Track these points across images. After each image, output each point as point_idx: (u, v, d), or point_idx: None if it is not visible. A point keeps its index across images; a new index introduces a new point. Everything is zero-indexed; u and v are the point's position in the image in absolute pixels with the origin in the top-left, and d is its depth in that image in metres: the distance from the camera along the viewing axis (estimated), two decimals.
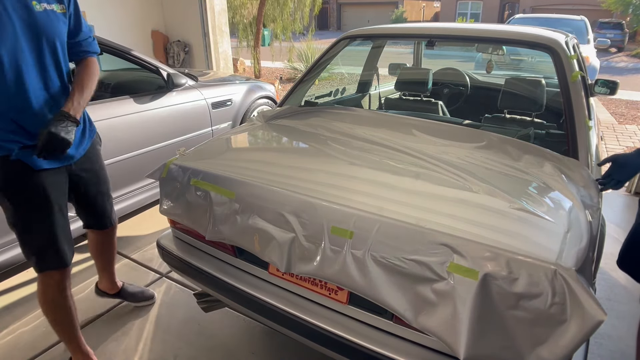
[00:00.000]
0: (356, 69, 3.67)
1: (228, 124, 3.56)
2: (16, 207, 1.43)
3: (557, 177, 1.41)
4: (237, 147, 1.89)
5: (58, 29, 1.43)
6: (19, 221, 1.45)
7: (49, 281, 1.54)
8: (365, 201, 1.24)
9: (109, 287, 2.15)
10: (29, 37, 1.35)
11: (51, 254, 1.51)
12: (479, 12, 29.52)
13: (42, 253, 1.49)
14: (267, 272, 1.46)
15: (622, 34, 18.51)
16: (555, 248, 1.03)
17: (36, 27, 1.36)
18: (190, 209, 1.52)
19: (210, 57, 6.05)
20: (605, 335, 2.00)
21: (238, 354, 1.89)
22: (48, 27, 1.39)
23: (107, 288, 2.15)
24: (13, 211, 1.44)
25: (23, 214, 1.44)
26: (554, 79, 2.00)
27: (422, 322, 1.10)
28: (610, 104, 7.67)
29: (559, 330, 0.97)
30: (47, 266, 1.51)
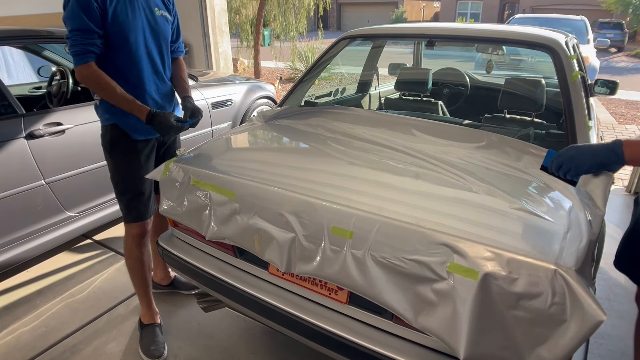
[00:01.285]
0: (356, 69, 3.67)
1: (228, 124, 3.56)
2: (116, 164, 1.76)
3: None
4: (237, 147, 1.89)
5: (168, 31, 1.79)
6: (116, 175, 1.78)
7: (130, 232, 1.84)
8: (365, 201, 1.24)
9: (162, 278, 2.28)
10: (149, 33, 1.70)
11: (135, 207, 1.80)
12: (479, 12, 29.53)
13: (129, 205, 1.79)
14: (267, 272, 1.46)
15: (622, 34, 18.50)
16: (555, 248, 1.03)
17: (155, 27, 1.72)
18: (191, 208, 1.52)
19: (210, 57, 6.05)
20: (605, 335, 2.01)
21: (238, 354, 1.89)
22: (163, 28, 1.75)
23: (161, 279, 2.28)
24: (113, 167, 1.77)
25: (120, 170, 1.76)
26: (554, 79, 2.00)
27: (422, 322, 1.10)
28: (610, 104, 7.67)
29: (559, 330, 0.97)
30: (131, 217, 1.81)
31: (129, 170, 1.76)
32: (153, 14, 1.71)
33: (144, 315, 1.97)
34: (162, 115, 1.64)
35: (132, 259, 1.87)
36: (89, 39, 1.53)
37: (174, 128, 1.66)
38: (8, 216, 2.16)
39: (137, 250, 1.85)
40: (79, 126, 2.43)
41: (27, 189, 2.21)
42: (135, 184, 1.77)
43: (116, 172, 1.77)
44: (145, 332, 1.93)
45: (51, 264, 2.54)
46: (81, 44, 1.52)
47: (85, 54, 1.53)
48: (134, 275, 1.91)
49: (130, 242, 1.85)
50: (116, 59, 1.63)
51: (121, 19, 1.59)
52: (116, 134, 1.72)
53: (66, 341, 1.97)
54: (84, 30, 1.52)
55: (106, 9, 1.55)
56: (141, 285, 1.92)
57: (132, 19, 1.62)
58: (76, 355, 1.89)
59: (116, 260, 2.60)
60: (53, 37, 2.58)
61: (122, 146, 1.74)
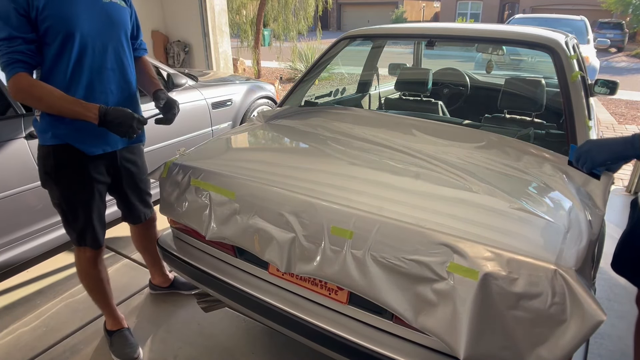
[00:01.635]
0: (356, 69, 3.67)
1: (228, 124, 3.56)
2: (61, 192, 1.58)
3: (557, 177, 1.41)
4: (237, 147, 1.89)
5: (124, 20, 1.59)
6: (63, 203, 1.60)
7: (83, 255, 1.73)
8: (365, 201, 1.24)
9: (162, 281, 2.26)
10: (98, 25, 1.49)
11: (89, 234, 1.67)
12: (478, 12, 29.52)
13: (82, 232, 1.66)
14: (267, 272, 1.46)
15: (622, 34, 18.50)
16: (555, 248, 1.03)
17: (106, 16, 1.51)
18: (191, 209, 1.52)
19: (210, 57, 6.05)
20: (605, 335, 2.01)
21: (238, 354, 1.89)
22: (116, 17, 1.55)
23: (161, 282, 2.26)
24: (58, 194, 1.59)
25: (67, 198, 1.59)
26: (554, 79, 2.00)
27: (422, 322, 1.10)
28: (610, 104, 7.67)
29: (559, 330, 0.97)
30: (85, 243, 1.69)
31: (81, 198, 1.59)
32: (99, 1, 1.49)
33: (109, 324, 1.92)
34: (118, 110, 1.43)
35: (90, 278, 1.79)
36: (13, 46, 1.32)
37: (136, 121, 1.45)
38: (8, 216, 2.16)
39: (93, 270, 1.77)
40: None
41: (27, 189, 2.21)
42: (89, 211, 1.61)
43: (64, 200, 1.59)
44: (114, 337, 1.88)
45: (51, 264, 2.54)
46: (6, 54, 1.33)
47: (12, 64, 1.33)
48: (93, 293, 1.83)
49: (86, 265, 1.74)
50: (58, 64, 1.43)
51: (55, 11, 1.37)
52: (63, 155, 1.52)
53: (66, 341, 1.97)
54: (6, 39, 1.32)
55: (32, 6, 1.34)
56: (102, 299, 1.86)
57: (69, 10, 1.39)
58: (76, 355, 1.89)
59: (116, 260, 2.60)
60: None
61: (72, 169, 1.55)
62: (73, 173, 1.56)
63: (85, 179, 1.59)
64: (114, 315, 1.92)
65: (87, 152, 1.55)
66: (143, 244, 2.11)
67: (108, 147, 1.63)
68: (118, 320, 1.93)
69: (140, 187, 1.88)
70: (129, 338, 1.89)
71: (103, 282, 1.83)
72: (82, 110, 1.41)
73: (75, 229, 1.66)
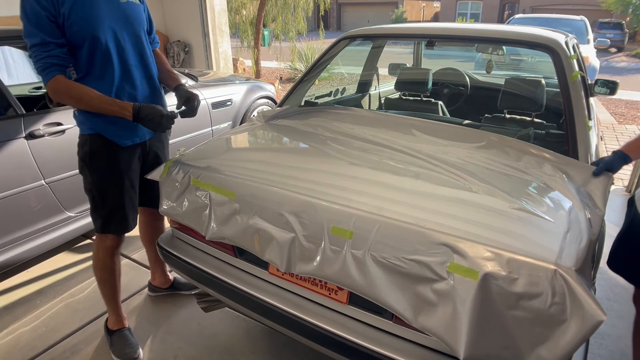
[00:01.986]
0: (356, 69, 3.67)
1: (228, 124, 3.56)
2: (94, 177, 1.65)
3: (557, 177, 1.41)
4: (237, 147, 1.89)
5: (141, 17, 1.66)
6: (94, 188, 1.67)
7: (103, 243, 1.76)
8: (365, 201, 1.24)
9: (162, 282, 2.25)
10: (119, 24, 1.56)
11: (116, 221, 1.72)
12: (479, 12, 29.52)
13: (109, 218, 1.71)
14: (267, 272, 1.46)
15: (622, 34, 18.50)
16: (555, 248, 1.03)
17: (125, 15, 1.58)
18: (190, 208, 1.52)
19: (210, 57, 6.05)
20: (605, 335, 2.01)
21: (238, 354, 1.89)
22: (134, 15, 1.61)
23: (161, 283, 2.25)
24: (91, 180, 1.66)
25: (99, 183, 1.66)
26: (554, 79, 2.00)
27: (422, 322, 1.10)
28: (610, 104, 7.67)
29: (559, 330, 0.97)
30: (109, 229, 1.72)
31: (111, 184, 1.67)
32: (117, 1, 1.56)
33: (111, 322, 1.92)
34: (150, 107, 1.53)
35: (105, 270, 1.80)
36: (47, 51, 1.43)
37: (165, 117, 1.54)
38: (8, 216, 2.16)
39: (110, 260, 1.79)
40: None
41: (27, 189, 2.21)
42: (116, 197, 1.68)
43: (95, 186, 1.67)
44: (115, 337, 1.89)
45: (51, 264, 2.54)
46: (42, 60, 1.43)
47: (49, 68, 1.44)
48: (104, 286, 1.85)
49: (103, 254, 1.77)
50: (88, 64, 1.53)
51: (80, 15, 1.45)
52: (98, 143, 1.62)
53: (66, 341, 1.97)
54: (40, 45, 1.42)
55: (59, 13, 1.42)
56: (111, 294, 1.87)
57: (92, 14, 1.47)
58: (76, 355, 1.89)
59: None
60: None
61: (105, 157, 1.64)
62: (105, 160, 1.64)
63: (116, 166, 1.66)
64: (118, 313, 1.92)
65: (119, 143, 1.64)
66: (150, 236, 2.09)
67: (137, 139, 1.71)
68: (120, 319, 1.93)
69: None
70: (129, 338, 1.89)
71: (115, 275, 1.84)
72: (118, 109, 1.52)
73: (102, 214, 1.70)
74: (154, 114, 1.52)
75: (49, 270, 2.49)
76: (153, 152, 1.83)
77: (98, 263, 1.80)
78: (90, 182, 1.67)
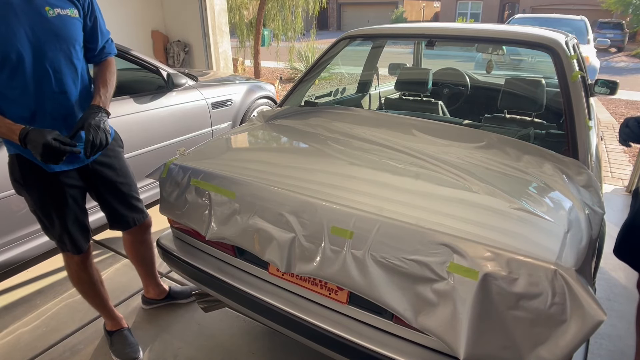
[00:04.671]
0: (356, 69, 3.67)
1: (228, 124, 3.56)
2: (34, 199, 1.55)
3: (557, 177, 1.40)
4: (237, 147, 1.89)
5: (73, 32, 1.45)
6: (38, 210, 1.58)
7: (71, 259, 1.70)
8: (365, 201, 1.24)
9: (157, 293, 2.14)
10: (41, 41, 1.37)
11: (67, 240, 1.63)
12: (479, 12, 29.52)
13: (61, 238, 1.63)
14: (267, 272, 1.46)
15: (622, 34, 18.50)
16: (555, 248, 1.03)
17: (49, 31, 1.38)
18: (191, 209, 1.52)
19: (210, 57, 6.05)
20: (605, 335, 2.00)
21: (238, 354, 1.89)
22: (62, 30, 1.41)
23: (156, 294, 2.14)
24: (32, 202, 1.57)
25: (41, 205, 1.56)
26: (554, 79, 2.00)
27: (422, 322, 1.10)
28: (610, 104, 7.67)
29: (559, 331, 0.97)
30: (66, 249, 1.65)
31: (52, 207, 1.55)
32: (42, 16, 1.36)
33: (109, 325, 1.91)
34: (36, 134, 1.29)
35: (82, 283, 1.76)
36: None
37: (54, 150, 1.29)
38: (8, 216, 2.16)
39: (84, 273, 1.73)
40: None
41: None
42: (60, 220, 1.57)
43: (37, 207, 1.55)
44: (114, 337, 1.88)
45: (51, 264, 2.54)
46: None
47: None
48: (88, 297, 1.82)
49: (76, 269, 1.71)
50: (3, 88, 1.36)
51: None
52: (25, 165, 1.48)
53: (66, 341, 1.97)
54: None
55: None
56: (98, 302, 1.84)
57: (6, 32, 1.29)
58: (76, 355, 1.89)
59: (116, 260, 2.60)
60: None
61: (38, 181, 1.50)
62: (40, 181, 1.50)
63: (53, 187, 1.53)
64: (112, 315, 1.91)
65: (46, 169, 1.49)
66: (137, 253, 1.97)
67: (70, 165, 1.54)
68: (117, 321, 1.92)
69: (121, 190, 1.74)
70: (129, 338, 1.89)
71: (96, 285, 1.79)
72: (6, 130, 1.33)
73: (54, 234, 1.62)
74: (38, 142, 1.28)
75: (49, 270, 2.49)
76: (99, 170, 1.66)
77: (73, 278, 1.75)
78: (32, 205, 1.56)
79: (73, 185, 1.59)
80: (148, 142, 2.84)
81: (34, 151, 1.31)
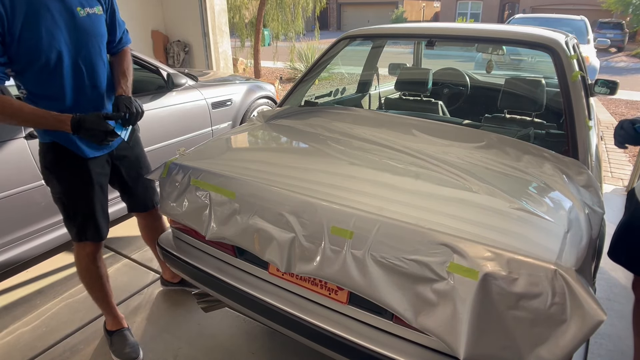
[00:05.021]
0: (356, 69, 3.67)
1: (228, 124, 3.56)
2: (62, 186, 1.61)
3: (557, 177, 1.41)
4: (237, 147, 1.89)
5: (99, 29, 1.57)
6: (64, 197, 1.63)
7: (83, 251, 1.73)
8: (365, 201, 1.24)
9: (171, 277, 2.27)
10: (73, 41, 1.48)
11: (90, 228, 1.68)
12: (479, 12, 29.52)
13: (82, 226, 1.67)
14: (267, 272, 1.46)
15: (622, 34, 18.50)
16: (555, 248, 1.03)
17: (81, 31, 1.49)
18: (191, 209, 1.52)
19: (210, 57, 6.05)
20: (605, 335, 2.00)
21: (238, 354, 1.89)
22: (91, 29, 1.52)
23: (170, 277, 2.28)
24: (59, 189, 1.62)
25: (68, 192, 1.62)
26: (554, 79, 2.00)
27: (422, 322, 1.10)
28: (610, 104, 7.67)
29: (559, 330, 0.97)
30: (85, 237, 1.70)
31: (80, 194, 1.62)
32: (75, 16, 1.47)
33: (109, 324, 1.92)
34: (90, 119, 1.42)
35: (90, 276, 1.79)
36: None
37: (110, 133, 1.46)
38: (8, 216, 2.16)
39: (93, 266, 1.77)
40: None
41: (27, 189, 2.21)
42: (87, 207, 1.64)
43: (64, 195, 1.63)
44: (114, 337, 1.89)
45: (51, 264, 2.54)
46: None
47: None
48: (93, 291, 1.84)
49: (86, 261, 1.75)
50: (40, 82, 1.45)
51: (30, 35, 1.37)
52: (61, 153, 1.56)
53: (66, 341, 1.97)
54: None
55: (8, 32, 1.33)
56: (102, 297, 1.86)
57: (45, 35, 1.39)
58: (76, 355, 1.89)
59: (116, 260, 2.60)
60: None
61: (70, 167, 1.58)
62: (72, 167, 1.60)
63: (84, 172, 1.62)
64: (114, 314, 1.92)
65: (81, 155, 1.60)
66: (152, 235, 2.05)
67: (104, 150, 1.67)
68: (118, 320, 1.93)
69: (141, 173, 1.87)
70: (129, 338, 1.89)
71: (103, 279, 1.83)
72: (55, 122, 1.43)
73: (76, 223, 1.67)
74: (97, 128, 1.43)
75: (49, 270, 2.49)
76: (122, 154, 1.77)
77: (82, 271, 1.78)
78: (59, 192, 1.63)
79: (101, 172, 1.68)
80: (148, 142, 2.83)
81: (89, 133, 1.43)
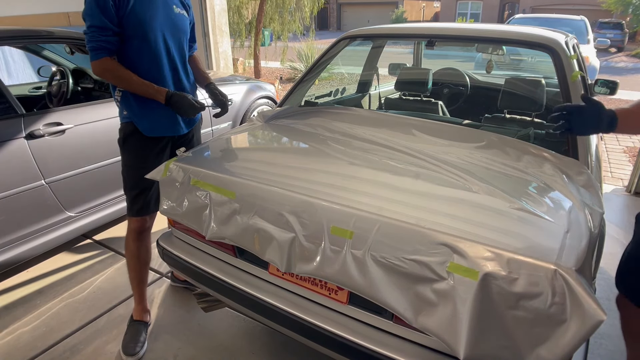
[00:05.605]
0: (356, 69, 3.67)
1: (228, 124, 3.56)
2: (127, 158, 1.82)
3: (557, 177, 1.41)
4: (237, 147, 1.89)
5: (186, 28, 1.88)
6: (124, 170, 1.84)
7: (129, 226, 1.88)
8: (365, 201, 1.24)
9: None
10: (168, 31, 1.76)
11: (139, 203, 1.83)
12: (479, 12, 29.52)
13: (133, 200, 1.84)
14: (267, 272, 1.46)
15: (622, 34, 18.50)
16: (555, 248, 1.03)
17: (174, 25, 1.78)
18: (191, 208, 1.52)
19: (210, 57, 6.05)
20: (605, 335, 2.00)
21: (238, 354, 1.89)
22: (181, 26, 1.82)
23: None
24: (123, 162, 1.84)
25: (128, 166, 1.82)
26: (554, 79, 2.00)
27: (422, 322, 1.10)
28: (610, 104, 7.64)
29: (559, 330, 0.97)
30: (131, 213, 1.85)
31: (138, 167, 1.79)
32: (172, 11, 1.77)
33: (135, 310, 1.99)
34: (180, 96, 1.72)
35: (128, 252, 1.91)
36: (104, 35, 1.59)
37: (193, 107, 1.74)
38: (8, 216, 2.16)
39: (133, 244, 1.88)
40: (79, 126, 2.43)
41: (27, 189, 2.21)
42: (142, 180, 1.79)
43: (125, 167, 1.83)
44: (130, 327, 1.94)
45: (51, 264, 2.54)
46: (96, 41, 1.59)
47: (100, 50, 1.60)
48: (129, 269, 1.95)
49: (129, 236, 1.89)
50: (136, 54, 1.69)
51: (140, 17, 1.64)
52: (130, 130, 1.78)
53: (66, 341, 1.97)
54: (99, 27, 1.58)
55: (123, 5, 1.60)
56: (134, 278, 1.95)
57: (150, 17, 1.67)
58: (76, 355, 1.89)
59: (116, 260, 2.60)
60: (53, 37, 2.58)
61: (134, 143, 1.78)
62: (135, 146, 1.79)
63: (143, 153, 1.80)
64: (141, 303, 1.99)
65: (146, 134, 1.78)
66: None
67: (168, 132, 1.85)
68: (140, 311, 1.99)
69: None
70: (140, 334, 1.92)
71: (139, 261, 1.91)
72: (154, 92, 1.69)
73: (128, 196, 1.84)
74: (183, 102, 1.72)
75: (49, 270, 2.49)
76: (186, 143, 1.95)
77: (126, 245, 1.91)
78: (123, 164, 1.84)
79: (159, 152, 1.84)
80: None
81: (177, 107, 1.71)
